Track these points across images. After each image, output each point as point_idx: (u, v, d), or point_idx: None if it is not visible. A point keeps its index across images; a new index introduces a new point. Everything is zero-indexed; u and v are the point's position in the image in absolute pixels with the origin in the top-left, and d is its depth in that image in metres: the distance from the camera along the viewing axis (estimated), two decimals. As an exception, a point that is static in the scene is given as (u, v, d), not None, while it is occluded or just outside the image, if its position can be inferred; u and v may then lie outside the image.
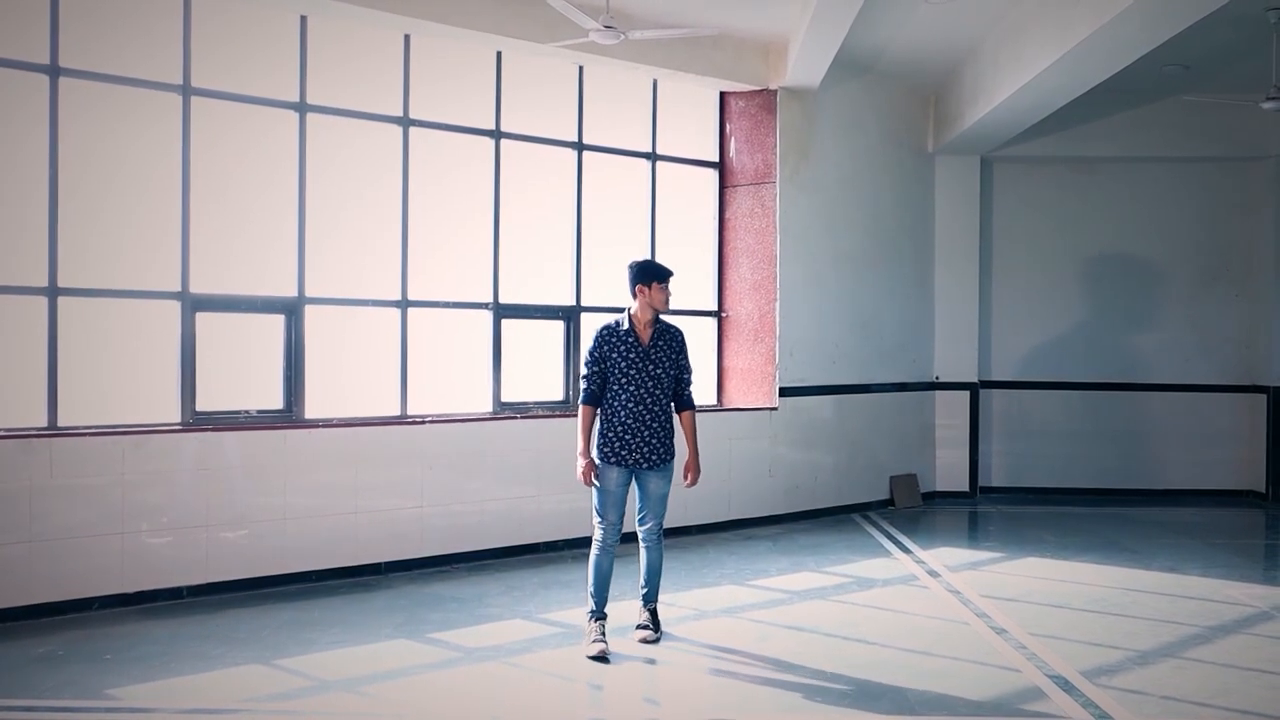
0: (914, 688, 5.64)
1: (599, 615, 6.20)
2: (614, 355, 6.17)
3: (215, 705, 5.31)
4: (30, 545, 6.71)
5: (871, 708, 5.37)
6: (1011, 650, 6.35)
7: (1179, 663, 6.15)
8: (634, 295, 6.27)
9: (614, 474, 6.18)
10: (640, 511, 6.30)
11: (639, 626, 6.37)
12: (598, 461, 6.17)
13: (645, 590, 6.40)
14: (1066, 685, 5.68)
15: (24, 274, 7.17)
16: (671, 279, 6.28)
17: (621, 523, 6.24)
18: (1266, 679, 5.85)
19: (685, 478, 6.38)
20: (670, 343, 6.29)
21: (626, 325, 6.23)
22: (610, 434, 6.17)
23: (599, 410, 6.23)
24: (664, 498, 6.29)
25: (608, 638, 6.15)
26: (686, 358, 6.37)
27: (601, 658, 5.96)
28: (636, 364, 6.17)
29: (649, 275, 6.24)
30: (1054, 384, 12.64)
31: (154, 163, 7.72)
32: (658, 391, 6.20)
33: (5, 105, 7.13)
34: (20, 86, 7.16)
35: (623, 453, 6.15)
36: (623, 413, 6.15)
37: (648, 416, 6.16)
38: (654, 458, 6.20)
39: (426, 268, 8.95)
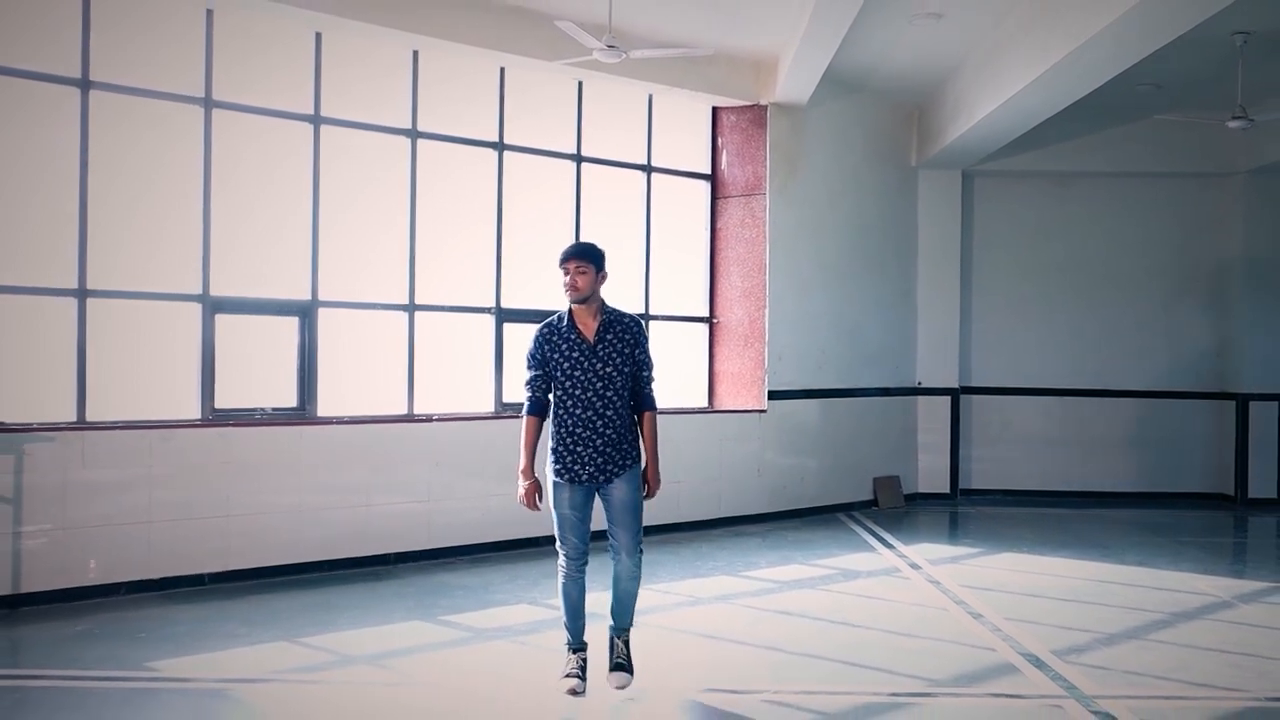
0: (897, 663, 6.07)
1: (575, 647, 5.44)
2: (555, 356, 5.34)
3: (247, 676, 5.71)
4: (64, 532, 7.10)
5: (858, 679, 5.80)
6: (988, 632, 6.79)
7: (1142, 643, 6.60)
8: None
9: (567, 494, 5.36)
10: (610, 528, 5.42)
11: (614, 667, 5.46)
12: (550, 478, 5.40)
13: (615, 617, 5.51)
14: (1038, 662, 6.12)
15: (55, 276, 7.56)
16: (570, 261, 5.35)
17: (587, 544, 5.42)
18: (1222, 657, 6.30)
19: (641, 489, 5.43)
20: (622, 335, 5.39)
21: (568, 320, 5.40)
22: (560, 448, 5.35)
23: (551, 418, 5.45)
24: (635, 507, 5.40)
25: (587, 674, 5.42)
26: (645, 351, 5.45)
27: (573, 693, 5.32)
28: (582, 364, 5.31)
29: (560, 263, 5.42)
30: (1033, 390, 13.09)
31: (177, 172, 8.12)
32: (609, 394, 5.33)
33: (39, 117, 7.53)
34: (53, 99, 7.56)
35: (575, 468, 5.33)
36: (570, 421, 5.33)
37: (600, 424, 5.30)
38: (611, 469, 5.34)
39: (433, 273, 9.36)
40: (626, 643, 5.52)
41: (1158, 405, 13.04)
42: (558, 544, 5.42)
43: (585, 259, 5.36)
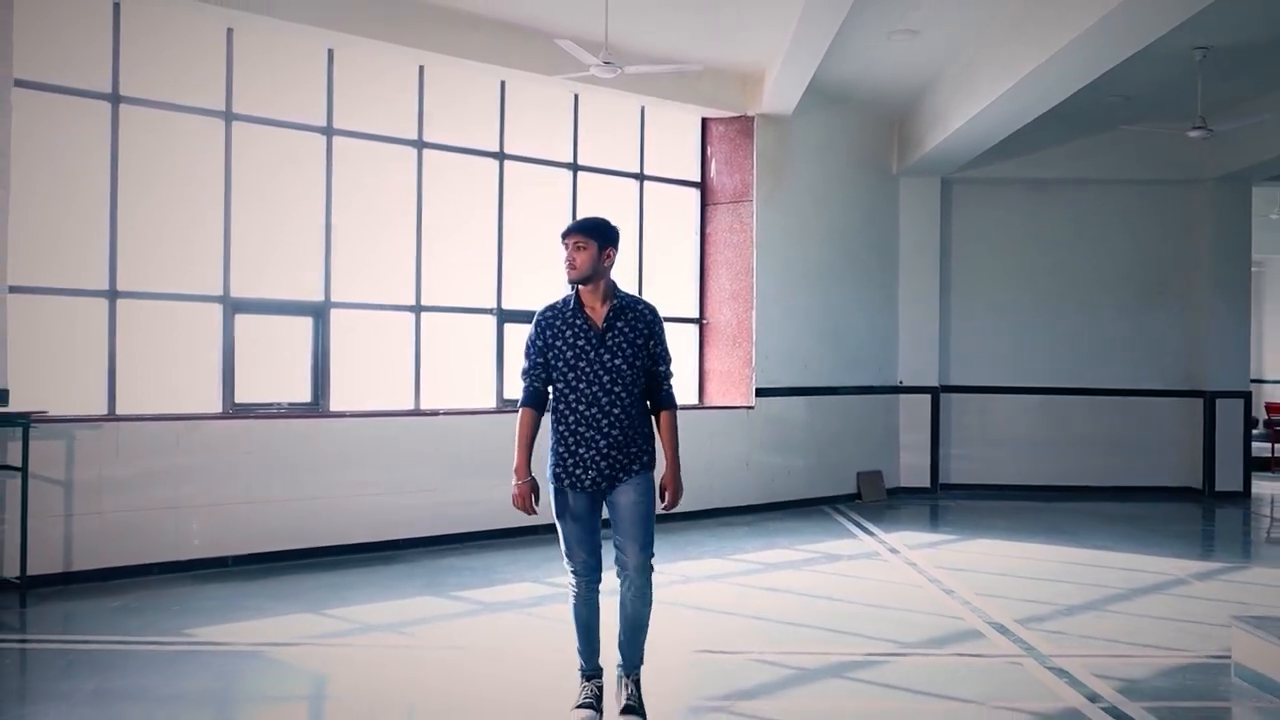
0: (873, 630, 6.62)
1: (589, 673, 4.88)
2: (558, 344, 4.75)
3: (277, 640, 6.25)
4: (99, 517, 7.61)
5: (837, 643, 6.36)
6: (958, 605, 7.35)
7: (1099, 613, 7.17)
8: None
9: (571, 501, 4.76)
10: (615, 539, 4.80)
11: (624, 710, 4.79)
12: (549, 484, 4.84)
13: (623, 653, 4.87)
14: (1002, 629, 6.67)
15: (87, 278, 8.09)
16: (570, 237, 4.78)
17: (598, 558, 4.83)
18: (1171, 624, 6.86)
19: (662, 498, 4.85)
20: (635, 324, 4.77)
21: (574, 304, 4.81)
22: (560, 448, 4.78)
23: (550, 415, 4.89)
24: (645, 517, 4.77)
25: (602, 704, 4.84)
26: (661, 342, 4.84)
27: None
28: (586, 354, 4.72)
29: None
30: (1010, 388, 13.65)
31: (200, 181, 8.65)
32: (617, 389, 4.70)
33: (73, 129, 8.06)
34: (86, 113, 8.09)
35: (577, 472, 4.74)
36: (572, 419, 4.74)
37: (605, 422, 4.70)
38: (617, 473, 4.73)
39: (438, 276, 9.90)
40: (637, 682, 4.86)
41: (1129, 403, 13.62)
42: (564, 559, 4.83)
43: (585, 233, 4.74)
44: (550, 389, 4.85)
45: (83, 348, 8.10)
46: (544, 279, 10.60)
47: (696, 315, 11.88)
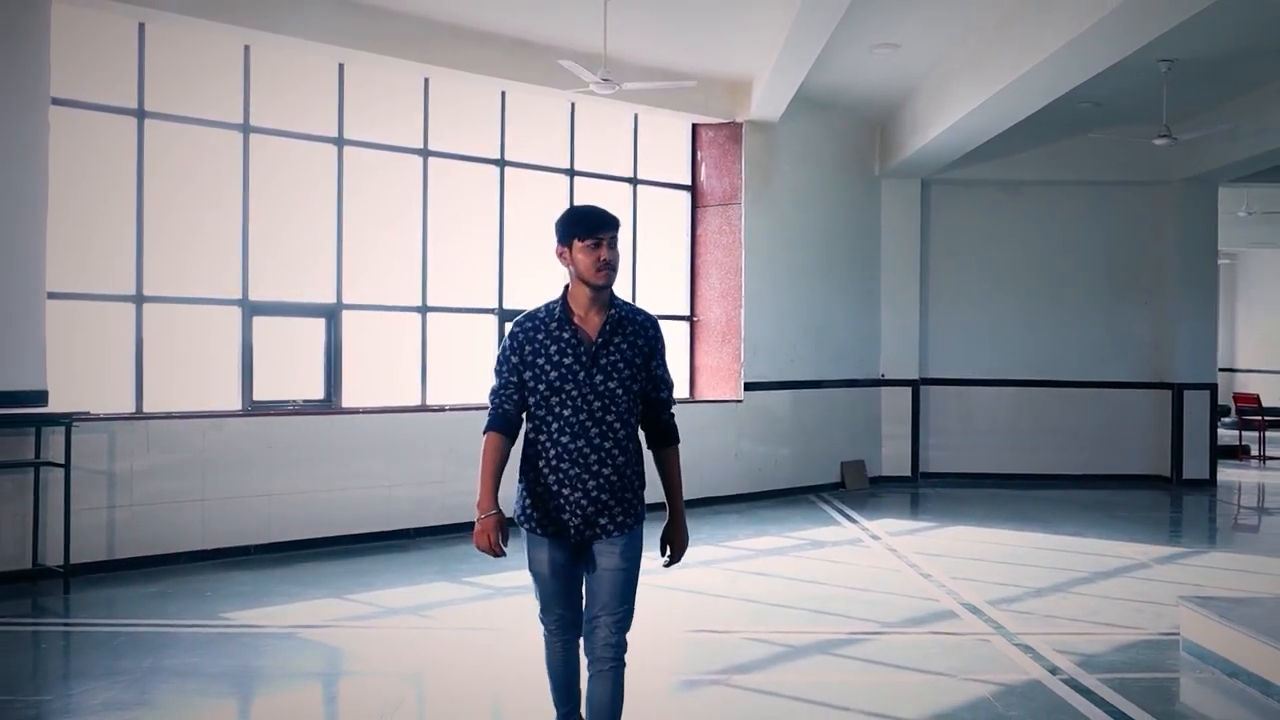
0: (855, 611, 7.20)
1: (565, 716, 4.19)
2: (540, 361, 3.86)
3: (309, 623, 6.78)
4: (130, 510, 8.13)
5: (822, 623, 6.93)
6: (934, 588, 7.93)
7: (1064, 595, 7.76)
8: (564, 264, 3.96)
9: (546, 552, 3.92)
10: (587, 600, 3.97)
11: None
12: (521, 527, 3.99)
13: None
14: (974, 609, 7.25)
15: (116, 284, 8.58)
16: (609, 232, 3.87)
17: (578, 614, 4.02)
18: (1128, 604, 7.46)
19: (663, 552, 4.06)
20: (634, 339, 3.91)
21: (560, 313, 3.92)
22: (538, 487, 3.89)
23: (524, 445, 3.96)
24: (627, 586, 3.91)
25: None
26: (662, 362, 4.00)
27: None
28: (575, 374, 3.84)
29: (570, 229, 3.89)
30: (987, 381, 14.23)
31: (219, 190, 9.14)
32: (610, 418, 3.85)
33: (102, 143, 8.55)
34: (114, 127, 8.57)
35: (558, 516, 3.87)
36: (555, 452, 3.85)
37: (595, 459, 3.83)
38: (604, 522, 3.88)
39: (443, 278, 10.41)
40: None
41: (1101, 395, 14.21)
42: (539, 612, 4.07)
43: (618, 229, 3.92)
44: (525, 414, 3.94)
45: (112, 349, 8.59)
46: (543, 280, 11.13)
47: (687, 313, 12.42)
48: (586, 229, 3.86)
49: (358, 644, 6.53)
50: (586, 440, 3.83)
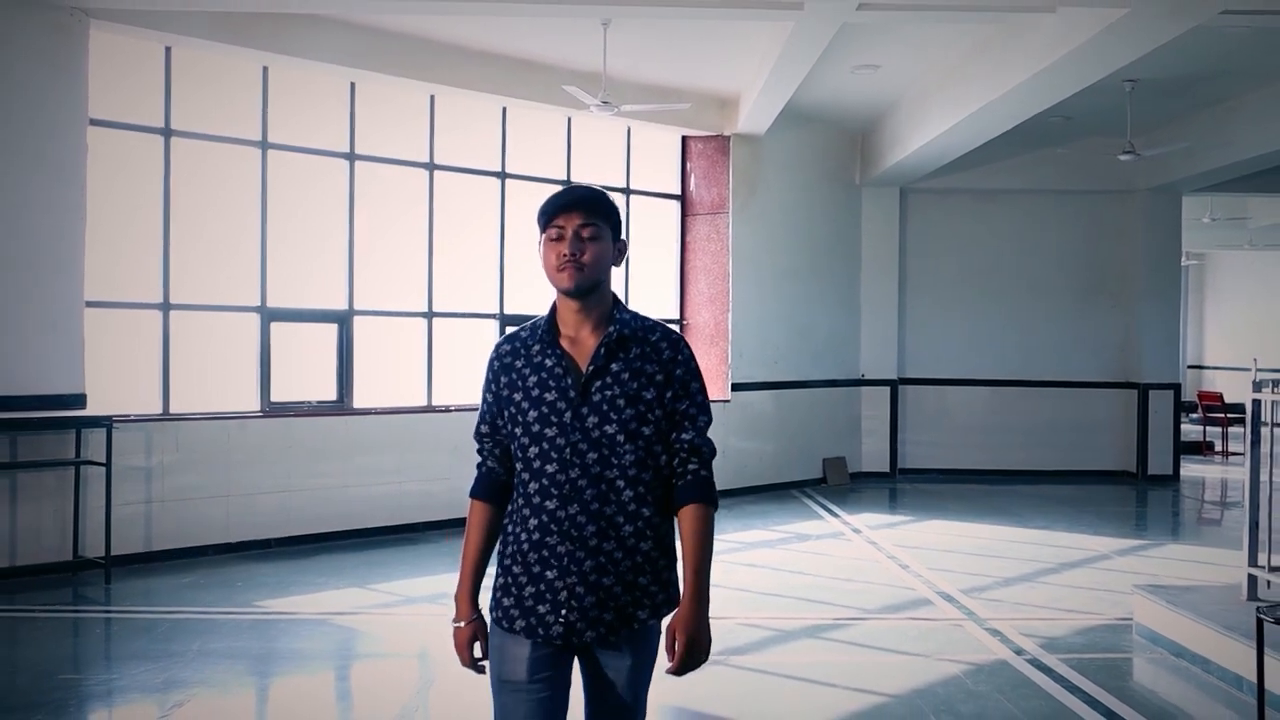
0: (838, 599, 7.83)
1: None
2: (516, 396, 2.92)
3: (339, 610, 7.36)
4: (161, 505, 8.67)
5: (808, 610, 7.55)
6: (911, 577, 8.56)
7: (1031, 584, 8.40)
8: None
9: (512, 654, 2.88)
10: None
11: None
12: (489, 622, 2.98)
13: None
14: (948, 597, 7.88)
15: (144, 293, 9.12)
16: (574, 217, 2.86)
17: None
18: (1089, 593, 8.11)
19: (671, 648, 2.84)
20: (640, 364, 2.87)
21: (544, 331, 2.98)
22: (515, 566, 2.87)
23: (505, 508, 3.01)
24: (634, 701, 2.92)
25: None
26: (691, 394, 2.90)
27: None
28: (560, 412, 2.85)
29: (538, 220, 2.94)
30: (962, 380, 14.88)
31: (239, 203, 9.68)
32: (610, 473, 2.82)
33: (131, 160, 9.07)
34: (142, 145, 9.10)
35: (540, 609, 2.83)
36: (535, 521, 2.85)
37: (592, 529, 2.80)
38: (608, 620, 2.82)
39: (448, 285, 10.98)
40: None
41: (1070, 394, 14.88)
42: None
43: (596, 212, 2.91)
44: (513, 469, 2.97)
45: (140, 354, 9.13)
46: (541, 290, 11.74)
47: (677, 317, 13.02)
48: (546, 217, 2.89)
49: (386, 629, 7.11)
50: (580, 504, 2.79)
